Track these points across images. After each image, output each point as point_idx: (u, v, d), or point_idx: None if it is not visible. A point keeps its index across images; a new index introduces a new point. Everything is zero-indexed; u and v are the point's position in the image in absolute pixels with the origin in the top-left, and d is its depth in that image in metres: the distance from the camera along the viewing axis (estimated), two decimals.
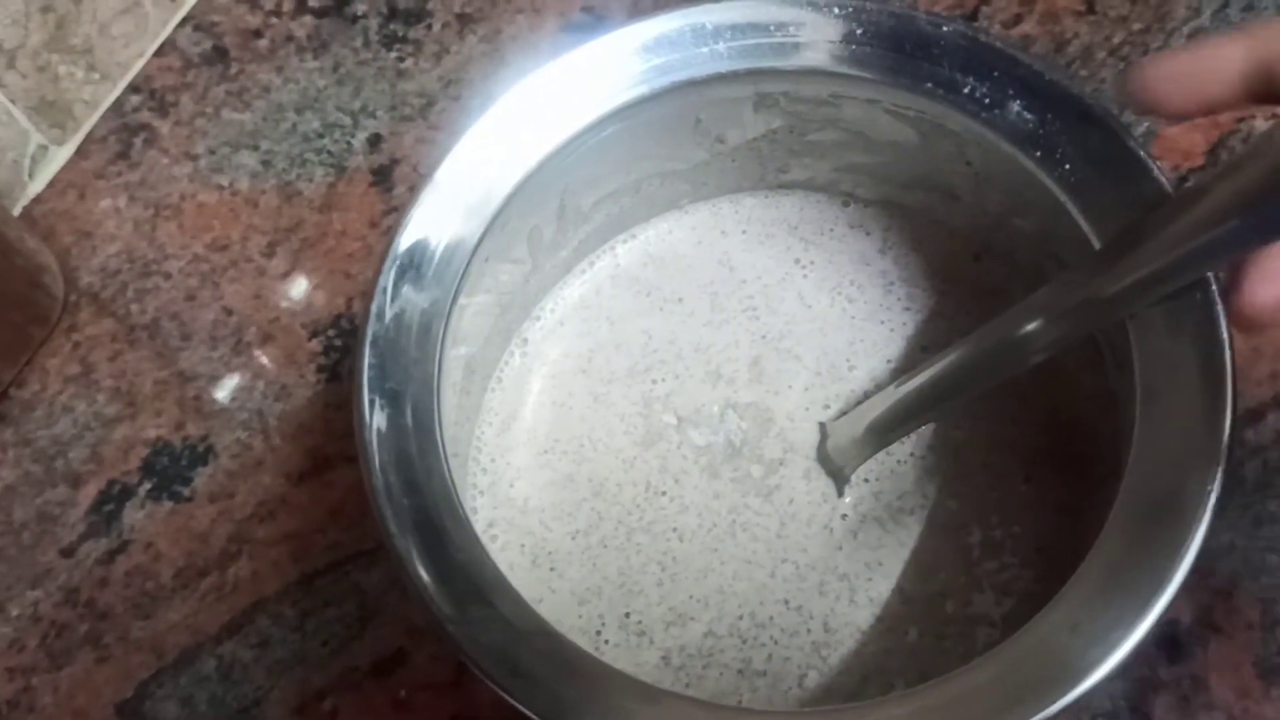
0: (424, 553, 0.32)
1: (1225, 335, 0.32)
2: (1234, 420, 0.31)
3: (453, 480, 0.33)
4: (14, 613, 0.45)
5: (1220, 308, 0.32)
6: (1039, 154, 0.35)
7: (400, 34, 0.52)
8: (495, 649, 0.31)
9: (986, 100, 0.35)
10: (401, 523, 0.32)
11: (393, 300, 0.35)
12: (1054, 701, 0.29)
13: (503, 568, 0.33)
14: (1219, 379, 0.32)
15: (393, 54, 0.52)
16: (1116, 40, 0.49)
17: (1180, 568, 0.30)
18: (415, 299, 0.35)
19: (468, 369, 0.39)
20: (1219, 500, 0.30)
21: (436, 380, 0.34)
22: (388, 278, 0.35)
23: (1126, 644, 0.29)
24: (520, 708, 0.30)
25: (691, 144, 0.41)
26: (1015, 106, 0.35)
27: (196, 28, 0.53)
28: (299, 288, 0.49)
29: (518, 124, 0.37)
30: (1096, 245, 0.34)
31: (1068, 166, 0.35)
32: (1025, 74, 0.35)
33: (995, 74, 0.36)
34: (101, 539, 0.45)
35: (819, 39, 0.36)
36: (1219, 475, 0.30)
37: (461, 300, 0.35)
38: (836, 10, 0.36)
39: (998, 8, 0.50)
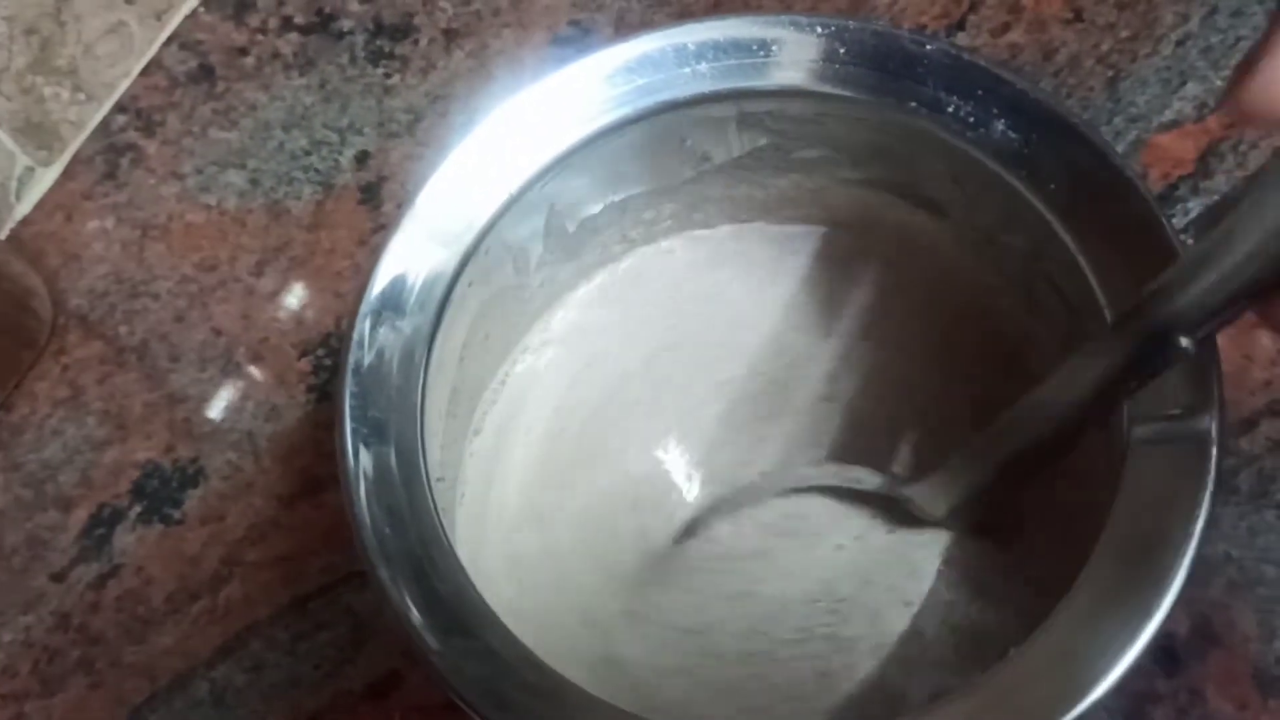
0: (408, 583, 0.32)
1: (1214, 352, 0.31)
2: (1223, 440, 0.31)
3: (437, 508, 0.33)
4: (6, 638, 0.45)
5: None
6: (1025, 173, 0.35)
7: (387, 50, 0.52)
8: (481, 681, 0.31)
9: (971, 119, 0.35)
10: (385, 553, 0.32)
11: (374, 326, 0.34)
12: (1079, 702, 0.29)
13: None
14: (1208, 397, 0.31)
15: (379, 70, 0.52)
16: (1105, 48, 0.49)
17: (1166, 598, 0.29)
18: (398, 324, 0.34)
19: (454, 393, 0.38)
20: (1206, 526, 0.30)
21: (420, 407, 0.33)
22: (369, 304, 0.35)
23: (1114, 673, 0.29)
24: None
25: (677, 163, 0.40)
26: (1000, 125, 0.35)
27: (182, 46, 0.53)
28: (288, 307, 0.49)
29: (500, 146, 0.37)
30: (1083, 264, 0.34)
31: (1053, 186, 0.34)
32: (1010, 92, 0.35)
33: (980, 92, 0.35)
34: (92, 563, 0.45)
35: (802, 58, 0.36)
36: (1206, 501, 0.30)
37: (445, 325, 0.35)
38: (819, 29, 0.36)
39: (985, 16, 0.50)
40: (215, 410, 0.47)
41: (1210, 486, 0.30)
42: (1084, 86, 0.48)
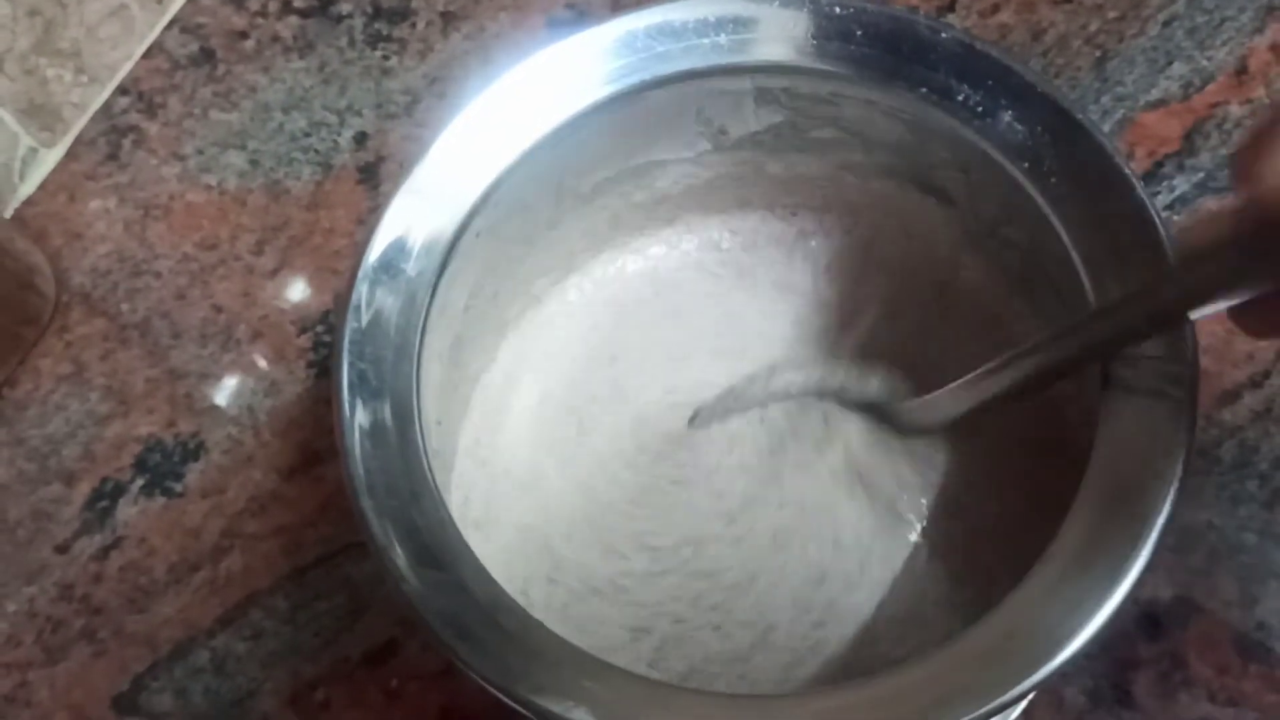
0: (390, 516, 0.33)
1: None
2: (1194, 407, 0.32)
3: (427, 449, 0.33)
4: (10, 609, 0.45)
5: None
6: (1026, 165, 0.35)
7: (385, 33, 0.53)
8: (445, 611, 0.31)
9: (979, 108, 0.36)
10: (370, 486, 0.33)
11: (379, 270, 0.35)
12: (1005, 691, 0.30)
13: None
14: (1184, 359, 0.32)
15: (378, 52, 0.52)
16: (1092, 28, 0.49)
17: (1139, 559, 0.30)
18: (404, 267, 0.35)
19: (457, 340, 0.39)
20: (1179, 489, 0.31)
21: (418, 350, 0.34)
22: (376, 247, 0.35)
23: (1086, 630, 0.29)
24: (467, 669, 0.31)
25: (693, 134, 0.41)
26: (1006, 116, 0.36)
27: (183, 30, 0.53)
28: (287, 285, 0.49)
29: (515, 104, 0.37)
30: (1075, 259, 0.34)
31: (1053, 180, 0.35)
32: (1018, 84, 0.36)
33: (989, 82, 0.36)
34: (95, 535, 0.46)
35: (819, 38, 0.37)
36: (1181, 462, 0.31)
37: (450, 272, 0.36)
38: (838, 10, 0.37)
39: None
40: (216, 386, 0.48)
41: (1181, 461, 0.31)
42: (1072, 66, 0.49)
